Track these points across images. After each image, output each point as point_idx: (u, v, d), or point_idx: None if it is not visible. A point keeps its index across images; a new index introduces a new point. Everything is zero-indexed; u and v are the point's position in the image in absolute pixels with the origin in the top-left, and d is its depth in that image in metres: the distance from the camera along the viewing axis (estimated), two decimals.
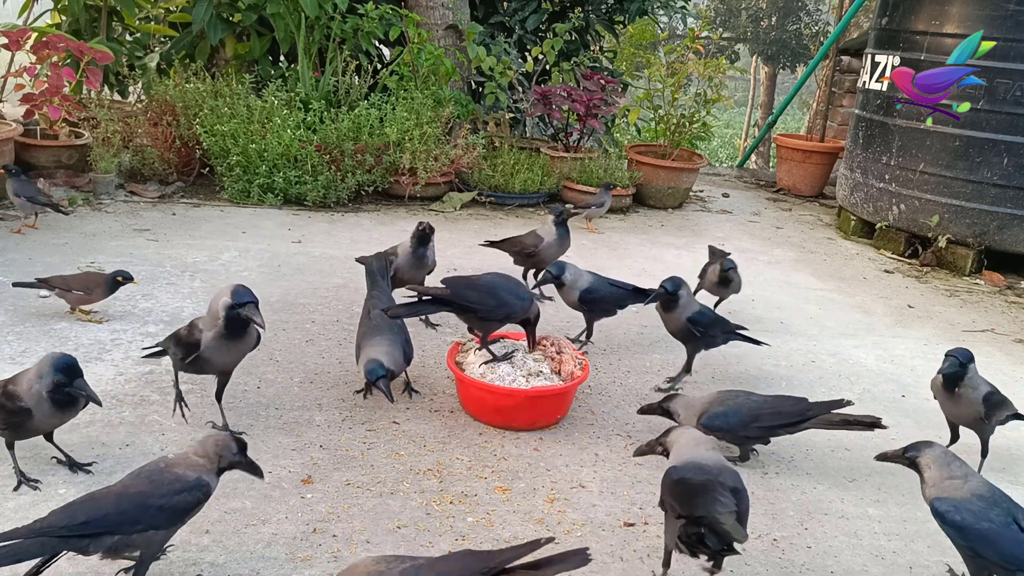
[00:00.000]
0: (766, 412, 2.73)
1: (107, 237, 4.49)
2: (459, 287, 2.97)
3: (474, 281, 3.03)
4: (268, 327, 3.53)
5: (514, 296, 3.01)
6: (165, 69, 6.33)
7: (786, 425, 2.73)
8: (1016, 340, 4.30)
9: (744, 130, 19.54)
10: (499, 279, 3.06)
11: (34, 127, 5.34)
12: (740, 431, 2.73)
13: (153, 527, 1.90)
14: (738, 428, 2.72)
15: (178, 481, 1.94)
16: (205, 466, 1.99)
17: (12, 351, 3.11)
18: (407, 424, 2.89)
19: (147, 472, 1.97)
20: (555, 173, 6.06)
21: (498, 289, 2.99)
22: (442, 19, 6.53)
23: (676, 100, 6.56)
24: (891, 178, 5.61)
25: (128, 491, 1.92)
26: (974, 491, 2.11)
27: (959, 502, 2.09)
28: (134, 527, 1.88)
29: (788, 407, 2.76)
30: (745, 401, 2.76)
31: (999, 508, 2.08)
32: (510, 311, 2.98)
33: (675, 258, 5.13)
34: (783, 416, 2.73)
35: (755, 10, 17.95)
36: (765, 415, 2.72)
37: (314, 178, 5.33)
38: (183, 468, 1.97)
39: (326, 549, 2.22)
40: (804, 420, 2.71)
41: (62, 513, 1.88)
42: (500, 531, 2.36)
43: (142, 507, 1.89)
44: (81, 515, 1.86)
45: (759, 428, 2.73)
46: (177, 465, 1.98)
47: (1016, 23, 4.92)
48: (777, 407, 2.75)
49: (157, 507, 1.90)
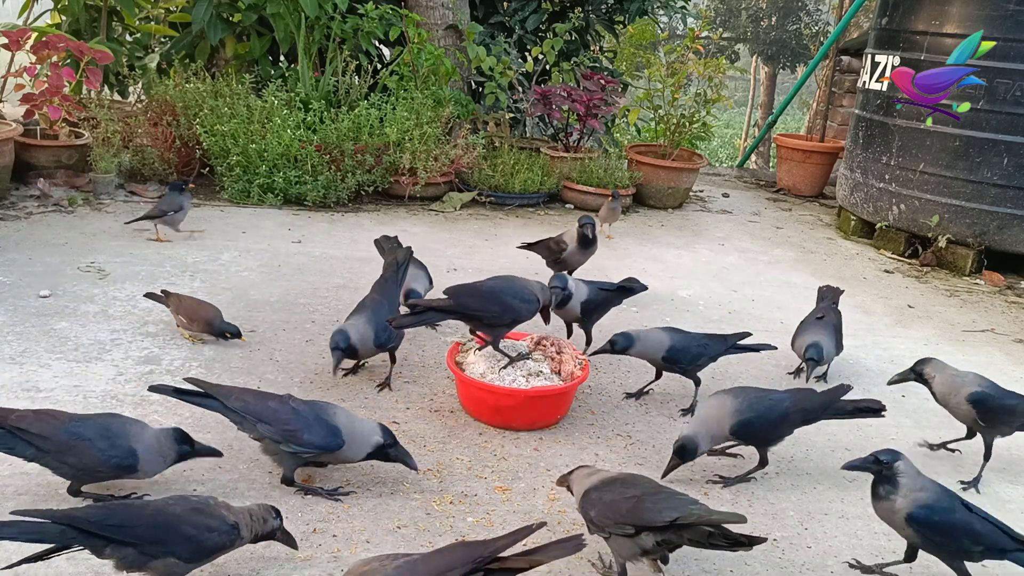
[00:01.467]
0: (794, 410, 2.67)
1: (107, 237, 4.49)
2: (461, 296, 2.90)
3: (477, 288, 2.97)
4: (268, 327, 3.54)
5: (519, 299, 2.94)
6: (165, 69, 6.32)
7: (806, 422, 2.71)
8: (1016, 340, 4.30)
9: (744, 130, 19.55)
10: (502, 283, 2.99)
11: (34, 127, 5.34)
12: (771, 434, 2.68)
13: (175, 555, 1.90)
14: (769, 431, 2.67)
15: (215, 519, 1.95)
16: (246, 523, 2.00)
17: (12, 351, 3.11)
18: (407, 424, 2.89)
19: (193, 501, 1.99)
20: (555, 173, 6.06)
21: (502, 294, 2.92)
22: (442, 19, 6.53)
23: (676, 100, 6.56)
24: (891, 178, 5.61)
25: (166, 510, 1.93)
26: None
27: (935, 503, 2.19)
28: (158, 546, 1.88)
29: (810, 403, 2.71)
30: (770, 402, 2.67)
31: None
32: (516, 315, 2.92)
33: (675, 258, 5.14)
34: (807, 413, 2.69)
35: (755, 10, 17.95)
36: (793, 413, 2.67)
37: (314, 178, 5.33)
38: (227, 511, 1.99)
39: (326, 549, 2.21)
40: (822, 413, 2.69)
41: (97, 511, 1.89)
42: (500, 531, 2.35)
43: (173, 530, 1.90)
44: (116, 518, 1.88)
45: (787, 427, 2.69)
46: (225, 508, 2.00)
47: (1016, 23, 4.93)
48: (800, 403, 2.70)
49: (185, 536, 1.90)
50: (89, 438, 2.14)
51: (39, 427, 2.15)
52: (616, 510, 2.09)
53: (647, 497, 2.10)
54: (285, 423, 2.33)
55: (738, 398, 2.67)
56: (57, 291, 3.68)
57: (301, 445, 2.32)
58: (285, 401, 2.41)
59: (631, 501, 2.09)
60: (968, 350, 4.09)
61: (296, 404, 2.40)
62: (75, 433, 2.15)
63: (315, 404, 2.43)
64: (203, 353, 3.24)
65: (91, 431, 2.16)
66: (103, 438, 2.16)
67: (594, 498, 2.16)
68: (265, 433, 2.35)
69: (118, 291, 3.73)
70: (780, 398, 2.71)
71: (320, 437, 2.33)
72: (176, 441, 2.25)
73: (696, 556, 2.32)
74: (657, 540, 2.04)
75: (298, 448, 2.33)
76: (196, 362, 3.18)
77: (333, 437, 2.34)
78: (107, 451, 2.14)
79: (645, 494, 2.11)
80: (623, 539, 2.08)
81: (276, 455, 2.40)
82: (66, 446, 2.14)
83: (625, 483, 2.18)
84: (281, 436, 2.32)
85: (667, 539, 2.04)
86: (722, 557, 2.32)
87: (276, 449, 2.37)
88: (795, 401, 2.71)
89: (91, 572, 2.03)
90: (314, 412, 2.37)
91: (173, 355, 3.22)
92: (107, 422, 2.22)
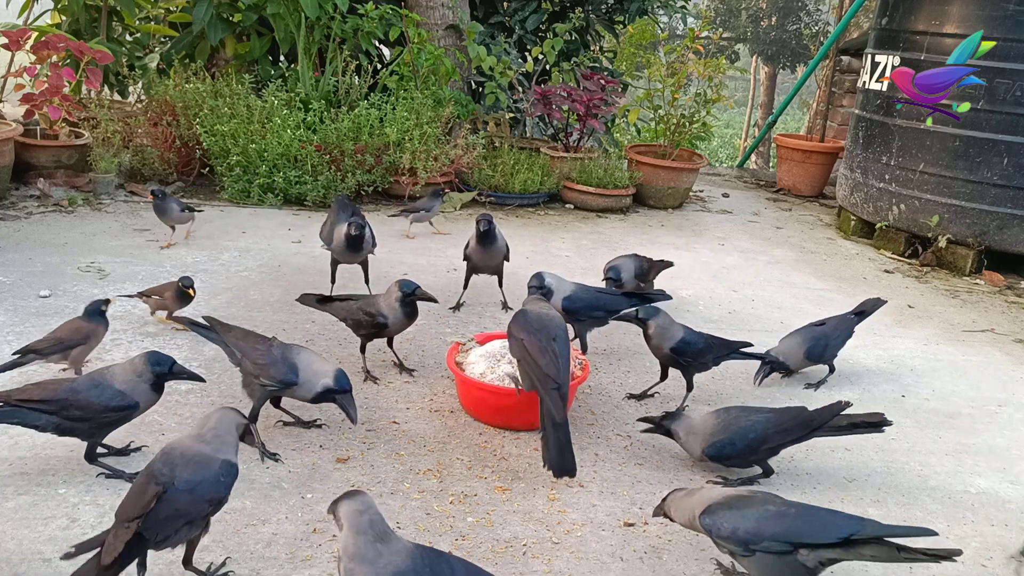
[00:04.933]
0: (772, 432, 2.63)
1: (107, 237, 4.49)
2: None
3: None
4: (268, 327, 3.54)
5: None
6: (165, 69, 6.33)
7: (794, 440, 2.68)
8: (1016, 340, 4.30)
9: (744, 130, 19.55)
10: None
11: (34, 127, 5.34)
12: (750, 456, 2.66)
13: None
14: (747, 454, 2.65)
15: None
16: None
17: (12, 351, 3.10)
18: (407, 424, 2.89)
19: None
20: (555, 173, 6.07)
21: None
22: (442, 19, 6.53)
23: (676, 100, 6.55)
24: (891, 178, 5.61)
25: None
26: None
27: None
28: None
29: (793, 422, 2.66)
30: (747, 423, 2.63)
31: None
32: None
33: (675, 258, 5.12)
34: (790, 433, 2.65)
35: (755, 10, 17.95)
36: (772, 435, 2.63)
37: (314, 178, 5.33)
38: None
39: (326, 549, 2.21)
40: (811, 432, 2.65)
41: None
42: (500, 531, 2.36)
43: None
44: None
45: (767, 450, 2.67)
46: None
47: (1016, 23, 4.92)
48: (782, 424, 2.65)
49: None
50: (81, 390, 2.37)
51: (39, 394, 2.36)
52: (766, 527, 2.02)
53: (805, 514, 2.05)
54: (259, 359, 2.65)
55: (718, 418, 2.66)
56: (57, 291, 3.68)
57: (268, 379, 2.62)
58: (267, 343, 2.72)
59: (787, 518, 2.03)
60: (968, 350, 4.09)
61: (273, 345, 2.70)
62: (69, 389, 2.37)
63: (286, 346, 2.72)
64: (203, 353, 3.24)
65: (82, 384, 2.40)
66: (93, 387, 2.39)
67: (731, 514, 2.07)
68: (246, 367, 2.68)
69: (118, 291, 3.73)
70: (757, 421, 2.65)
71: (281, 373, 2.62)
72: (149, 363, 2.43)
73: (696, 556, 2.32)
74: (822, 559, 1.99)
75: (266, 381, 2.62)
76: (196, 362, 3.18)
77: (291, 374, 2.62)
78: (99, 396, 2.37)
79: (800, 512, 2.06)
80: (772, 557, 2.01)
81: (249, 387, 2.70)
82: (66, 402, 2.35)
83: (766, 499, 2.11)
84: (255, 370, 2.65)
85: (833, 557, 1.99)
86: (722, 558, 2.32)
87: (251, 382, 2.69)
88: (775, 423, 2.65)
89: None
90: (281, 352, 2.67)
91: (173, 355, 3.19)
92: (93, 374, 2.46)
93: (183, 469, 1.92)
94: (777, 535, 2.00)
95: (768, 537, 2.00)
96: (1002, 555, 2.48)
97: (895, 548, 1.96)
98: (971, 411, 3.43)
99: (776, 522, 2.02)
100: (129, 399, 2.39)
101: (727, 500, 2.11)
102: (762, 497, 2.13)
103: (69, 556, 1.83)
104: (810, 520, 2.03)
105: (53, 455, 2.50)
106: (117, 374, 2.43)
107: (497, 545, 2.29)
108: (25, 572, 2.01)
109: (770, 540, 2.00)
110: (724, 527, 2.05)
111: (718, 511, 2.09)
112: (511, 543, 2.31)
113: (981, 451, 3.10)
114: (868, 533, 1.96)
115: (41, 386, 2.40)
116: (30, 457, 2.49)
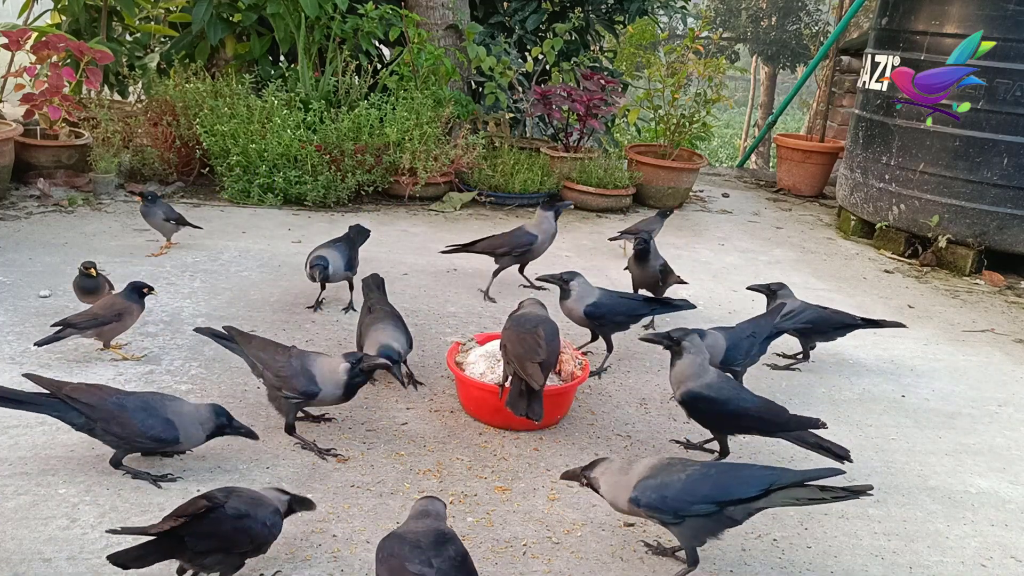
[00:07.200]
0: (755, 413, 2.58)
1: (107, 237, 4.49)
2: None
3: None
4: (268, 327, 3.54)
5: None
6: (165, 69, 6.33)
7: (764, 431, 2.62)
8: (1016, 340, 4.30)
9: (744, 130, 19.54)
10: None
11: (34, 127, 5.34)
12: (727, 423, 2.64)
13: None
14: (729, 420, 2.62)
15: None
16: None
17: (12, 351, 3.11)
18: (407, 424, 2.89)
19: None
20: (555, 173, 6.06)
21: None
22: (442, 19, 6.53)
23: (676, 100, 6.55)
24: (891, 178, 5.61)
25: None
26: None
27: None
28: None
29: (771, 415, 2.59)
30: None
31: None
32: None
33: (675, 258, 5.13)
34: (765, 423, 2.58)
35: (755, 10, 17.94)
36: (752, 416, 2.57)
37: (314, 178, 5.33)
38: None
39: (326, 549, 2.22)
40: (780, 430, 2.58)
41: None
42: (500, 531, 2.36)
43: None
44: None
45: (739, 427, 2.64)
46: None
47: (1016, 23, 4.92)
48: (762, 414, 2.59)
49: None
50: (131, 410, 2.35)
51: (88, 397, 2.35)
52: (694, 491, 2.07)
53: (726, 473, 2.12)
54: (280, 370, 2.58)
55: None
56: (57, 291, 3.68)
57: (291, 391, 2.56)
58: (287, 353, 2.65)
59: (710, 480, 2.09)
60: (968, 350, 4.09)
61: (292, 355, 2.63)
62: (119, 404, 2.35)
63: (304, 355, 2.66)
64: (203, 353, 3.24)
65: (133, 404, 2.37)
66: (143, 411, 2.36)
67: (659, 483, 2.11)
68: (268, 379, 2.61)
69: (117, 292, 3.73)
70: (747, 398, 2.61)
71: (302, 385, 2.57)
72: (215, 414, 2.41)
73: None
74: (750, 511, 2.08)
75: (289, 393, 2.56)
76: (196, 362, 3.18)
77: (312, 384, 2.57)
78: (145, 422, 2.34)
79: (720, 471, 2.13)
80: (701, 520, 2.07)
81: (276, 401, 2.64)
82: (111, 415, 2.34)
83: (685, 464, 2.16)
84: (277, 382, 2.58)
85: (759, 507, 2.07)
86: (722, 558, 2.33)
87: (276, 396, 2.62)
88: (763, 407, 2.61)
89: (91, 572, 2.04)
90: (300, 362, 2.61)
91: (173, 355, 3.22)
92: (148, 397, 2.42)
93: (236, 499, 1.99)
94: (706, 497, 2.07)
95: (698, 500, 2.06)
96: (1002, 555, 2.48)
97: (816, 489, 2.05)
98: (971, 411, 3.43)
99: (700, 485, 2.08)
100: (173, 434, 2.37)
101: (652, 472, 2.15)
102: (680, 463, 2.17)
103: (114, 532, 1.97)
104: (733, 478, 2.10)
105: (53, 455, 2.50)
106: (171, 407, 2.40)
107: (497, 545, 2.29)
108: (25, 572, 2.02)
109: (700, 503, 2.07)
110: (652, 497, 2.11)
111: (648, 482, 2.13)
112: (511, 543, 2.31)
113: (981, 451, 3.10)
114: (786, 481, 2.04)
115: (93, 389, 2.40)
116: (30, 457, 2.49)
